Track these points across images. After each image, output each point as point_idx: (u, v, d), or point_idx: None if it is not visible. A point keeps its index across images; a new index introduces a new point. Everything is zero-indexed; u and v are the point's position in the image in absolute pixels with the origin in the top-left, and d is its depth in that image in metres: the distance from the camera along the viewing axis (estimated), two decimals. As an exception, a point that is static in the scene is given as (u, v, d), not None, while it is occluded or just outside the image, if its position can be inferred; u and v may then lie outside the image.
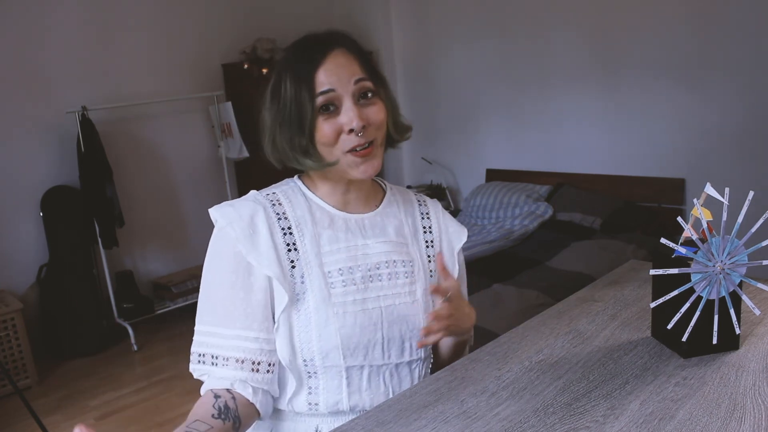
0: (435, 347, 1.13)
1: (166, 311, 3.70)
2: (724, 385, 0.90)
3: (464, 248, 1.19)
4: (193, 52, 3.89)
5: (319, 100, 0.94)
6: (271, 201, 1.01)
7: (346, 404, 1.00)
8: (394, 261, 1.04)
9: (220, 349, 0.95)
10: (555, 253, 3.08)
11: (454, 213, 4.16)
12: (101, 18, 3.58)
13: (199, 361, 0.97)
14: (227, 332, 0.95)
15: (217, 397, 0.92)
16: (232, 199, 1.10)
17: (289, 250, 0.98)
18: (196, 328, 0.99)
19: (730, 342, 0.99)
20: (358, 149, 0.96)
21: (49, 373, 3.26)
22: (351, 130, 0.94)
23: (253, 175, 4.01)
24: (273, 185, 1.07)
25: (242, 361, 0.95)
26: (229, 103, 3.75)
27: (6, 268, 3.35)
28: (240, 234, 0.96)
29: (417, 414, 0.90)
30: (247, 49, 3.93)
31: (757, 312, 0.94)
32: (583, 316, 1.19)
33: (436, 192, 4.43)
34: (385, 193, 1.13)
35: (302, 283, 0.98)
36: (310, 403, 1.00)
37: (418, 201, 1.16)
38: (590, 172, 3.71)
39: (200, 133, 4.01)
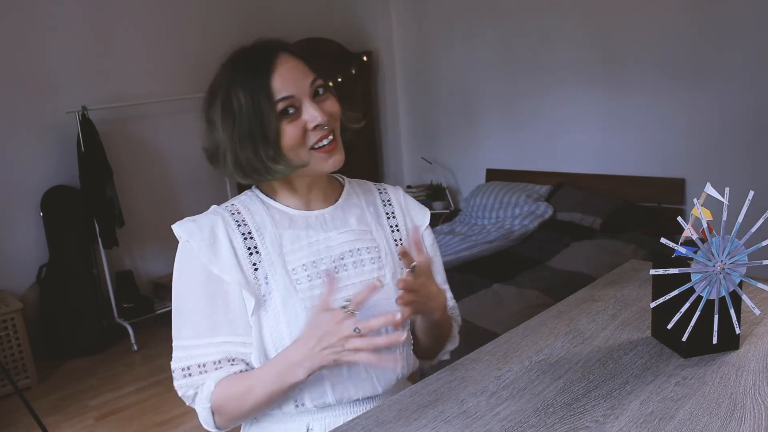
0: (413, 332, 1.12)
1: (166, 311, 3.69)
2: (724, 385, 0.90)
3: (465, 248, 1.19)
4: (193, 52, 3.89)
5: (280, 105, 0.94)
6: (230, 211, 1.03)
7: (331, 397, 1.00)
8: (359, 249, 1.05)
9: (208, 357, 0.96)
10: (555, 253, 3.08)
11: (454, 213, 4.16)
12: (101, 18, 3.58)
13: (184, 376, 0.97)
14: (214, 340, 0.96)
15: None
16: (232, 198, 1.10)
17: (251, 254, 1.00)
18: (175, 344, 0.98)
19: (730, 342, 0.99)
20: (325, 144, 0.98)
21: (49, 373, 3.26)
22: (316, 126, 0.96)
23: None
24: (232, 198, 1.09)
25: (233, 359, 0.97)
26: (229, 103, 3.75)
27: (6, 268, 3.35)
28: (201, 245, 0.97)
29: (417, 414, 0.90)
30: (247, 49, 3.92)
31: (757, 312, 0.94)
32: (583, 316, 1.19)
33: (436, 192, 4.43)
34: (343, 187, 1.14)
35: (267, 283, 0.99)
36: (296, 402, 1.00)
37: (378, 189, 1.18)
38: (590, 172, 3.70)
39: (200, 133, 4.00)
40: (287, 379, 0.92)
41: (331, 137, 0.98)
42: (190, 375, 0.97)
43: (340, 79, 4.38)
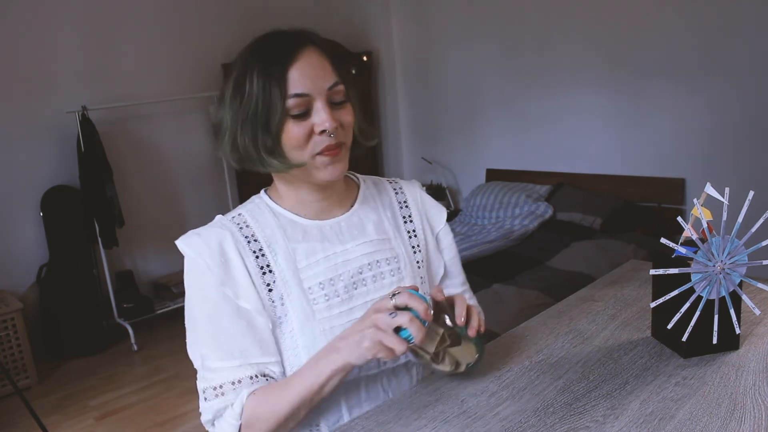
0: None
1: (167, 311, 3.69)
2: (724, 385, 0.90)
3: (464, 248, 1.17)
4: (193, 52, 3.89)
5: (291, 102, 0.88)
6: (238, 224, 0.96)
7: (347, 420, 0.96)
8: (377, 261, 1.00)
9: (243, 373, 0.90)
10: (555, 253, 3.08)
11: (454, 213, 4.16)
12: (101, 18, 3.58)
13: (216, 395, 0.89)
14: (246, 362, 0.90)
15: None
16: (232, 198, 1.08)
17: (264, 273, 0.94)
18: (201, 365, 0.91)
19: (730, 342, 0.99)
20: (326, 149, 0.91)
21: (49, 373, 3.26)
22: (323, 131, 0.89)
23: (252, 174, 4.00)
24: (239, 206, 1.03)
25: (268, 376, 0.92)
26: (229, 103, 3.75)
27: (6, 268, 3.35)
28: (211, 264, 0.91)
29: (417, 414, 0.90)
30: (247, 49, 3.92)
31: (757, 312, 0.94)
32: (583, 316, 1.19)
33: (436, 192, 4.43)
34: (358, 187, 1.07)
35: (282, 305, 0.94)
36: (310, 426, 0.97)
37: (395, 190, 1.11)
38: (590, 172, 3.71)
39: (200, 133, 4.01)
40: (323, 368, 0.85)
41: (335, 144, 0.91)
42: (223, 394, 0.89)
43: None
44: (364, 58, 4.56)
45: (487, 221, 3.75)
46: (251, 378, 0.90)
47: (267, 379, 0.91)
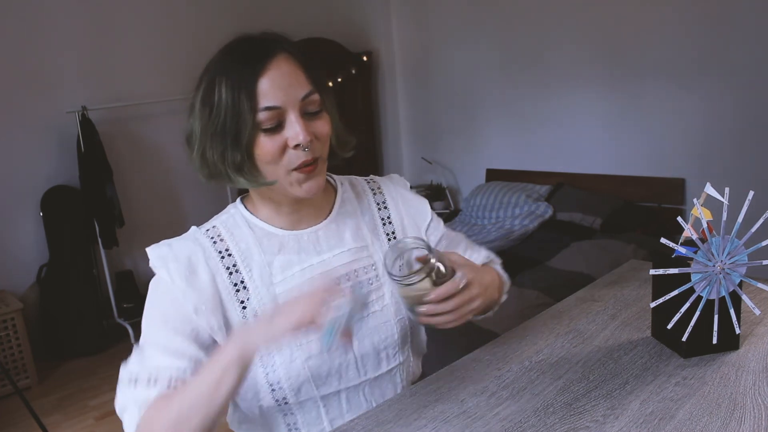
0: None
1: (166, 311, 3.69)
2: (724, 385, 0.90)
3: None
4: (193, 52, 3.88)
5: (262, 116, 0.83)
6: (212, 238, 0.93)
7: None
8: (355, 270, 0.97)
9: (166, 372, 0.84)
10: (555, 253, 3.08)
11: (454, 213, 4.16)
12: (101, 18, 3.58)
13: (129, 384, 0.84)
14: (175, 362, 0.85)
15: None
16: (232, 197, 1.07)
17: (237, 290, 0.91)
18: (138, 351, 0.87)
19: (730, 342, 0.99)
20: (302, 165, 0.86)
21: (49, 373, 3.26)
22: (297, 145, 0.85)
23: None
24: (215, 216, 0.99)
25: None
26: (229, 103, 3.75)
27: (6, 268, 3.35)
28: (175, 276, 0.88)
29: (417, 414, 0.90)
30: (247, 49, 3.92)
31: (757, 312, 0.94)
32: (583, 316, 1.19)
33: (436, 192, 4.43)
34: (335, 191, 1.03)
35: None
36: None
37: (373, 190, 1.07)
38: (590, 172, 3.71)
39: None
40: (217, 361, 0.78)
41: (311, 159, 0.86)
42: (135, 386, 0.83)
43: (340, 80, 4.38)
44: (364, 58, 4.56)
45: (487, 221, 3.75)
46: (169, 380, 0.83)
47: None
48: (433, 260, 0.84)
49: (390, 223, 1.05)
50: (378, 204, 1.06)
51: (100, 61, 3.59)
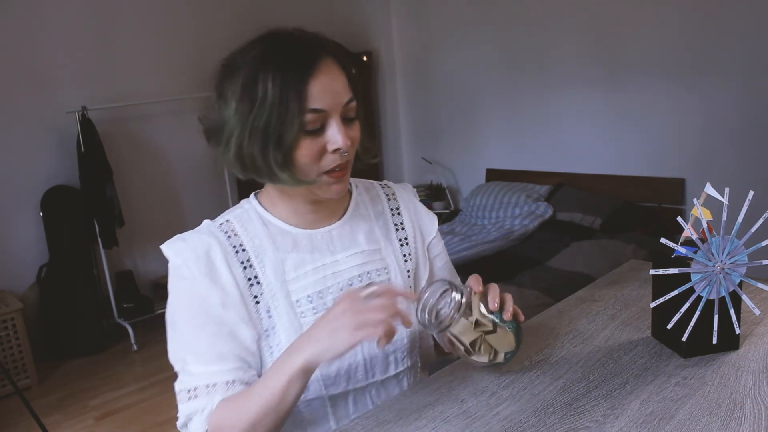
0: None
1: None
2: (724, 385, 0.90)
3: (464, 248, 1.17)
4: (193, 52, 3.89)
5: (309, 117, 0.83)
6: (226, 232, 0.93)
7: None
8: (368, 272, 0.98)
9: (220, 377, 0.87)
10: (555, 253, 3.08)
11: (454, 213, 4.16)
12: (101, 18, 3.58)
13: (189, 398, 0.87)
14: (224, 367, 0.88)
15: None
16: (232, 197, 1.07)
17: (251, 285, 0.91)
18: (180, 368, 0.90)
19: (730, 342, 0.99)
20: (336, 169, 0.88)
21: (49, 373, 3.26)
22: (336, 150, 0.86)
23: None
24: (227, 210, 0.98)
25: (246, 382, 0.90)
26: (229, 103, 3.75)
27: (6, 268, 3.35)
28: (196, 271, 0.88)
29: (417, 414, 0.90)
30: (247, 49, 3.92)
31: (757, 312, 0.94)
32: (583, 316, 1.19)
33: (436, 192, 4.43)
34: (350, 193, 1.04)
35: (270, 317, 0.92)
36: None
37: (387, 195, 1.08)
38: (590, 172, 3.71)
39: (200, 133, 3.98)
40: (284, 372, 0.81)
41: (345, 163, 0.89)
42: (196, 397, 0.86)
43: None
44: (364, 58, 4.56)
45: (487, 221, 3.75)
46: (227, 383, 0.86)
47: (245, 386, 0.88)
48: (462, 299, 0.88)
49: (403, 229, 1.06)
50: (392, 210, 1.07)
51: (100, 61, 3.59)
